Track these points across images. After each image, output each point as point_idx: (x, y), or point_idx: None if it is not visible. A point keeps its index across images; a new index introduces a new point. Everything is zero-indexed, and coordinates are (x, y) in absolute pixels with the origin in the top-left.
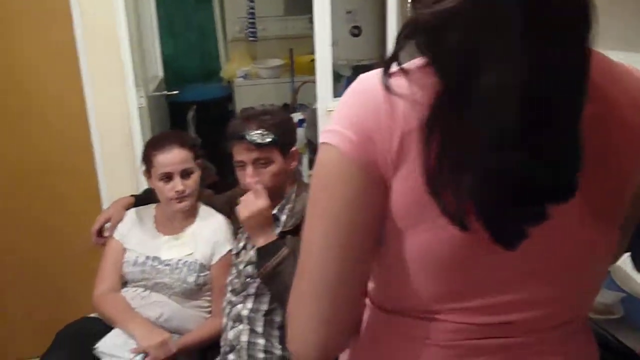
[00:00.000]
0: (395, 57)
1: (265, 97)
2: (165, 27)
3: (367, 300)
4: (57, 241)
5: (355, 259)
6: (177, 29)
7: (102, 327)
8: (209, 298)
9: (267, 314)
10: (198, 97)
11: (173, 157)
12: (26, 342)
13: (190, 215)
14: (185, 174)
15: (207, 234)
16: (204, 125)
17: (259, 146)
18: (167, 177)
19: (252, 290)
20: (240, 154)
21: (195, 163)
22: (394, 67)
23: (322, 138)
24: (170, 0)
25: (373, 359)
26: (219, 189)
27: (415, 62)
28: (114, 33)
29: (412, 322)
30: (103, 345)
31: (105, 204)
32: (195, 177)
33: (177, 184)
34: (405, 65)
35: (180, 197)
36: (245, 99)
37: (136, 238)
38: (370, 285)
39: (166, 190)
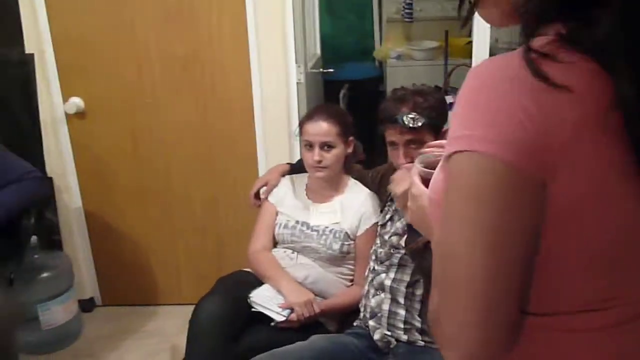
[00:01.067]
0: (532, 36)
1: (417, 79)
2: (325, 6)
3: None
4: (220, 200)
5: (514, 272)
6: (335, 8)
7: (255, 280)
8: (351, 267)
9: (409, 285)
10: (351, 76)
11: (317, 128)
12: (190, 288)
13: (340, 186)
14: (325, 146)
15: (355, 206)
16: (355, 103)
17: (412, 129)
18: (309, 145)
19: (395, 260)
20: (392, 136)
21: (340, 138)
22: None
23: (459, 145)
24: None
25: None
26: (367, 166)
27: (545, 42)
28: (281, 11)
29: (568, 317)
30: (256, 295)
31: (262, 171)
32: (337, 151)
33: (315, 153)
34: (545, 48)
35: (317, 167)
36: (397, 79)
37: (289, 203)
38: None
39: (307, 157)
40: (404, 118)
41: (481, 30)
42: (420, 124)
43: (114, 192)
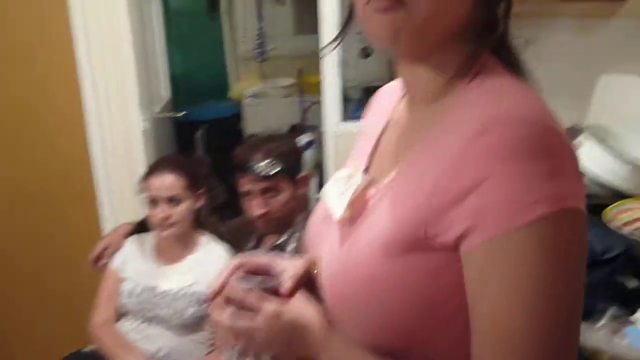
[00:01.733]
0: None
1: (274, 116)
2: (176, 44)
3: None
4: (58, 266)
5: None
6: (188, 46)
7: None
8: (209, 331)
9: None
10: (207, 116)
11: (161, 182)
12: None
13: (191, 244)
14: (172, 201)
15: (210, 264)
16: (213, 144)
17: (267, 177)
18: (154, 201)
19: None
20: (246, 185)
21: (188, 192)
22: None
23: (547, 206)
24: (181, 17)
25: None
26: (229, 208)
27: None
28: (119, 54)
29: None
30: None
31: (107, 231)
32: (185, 206)
33: (161, 210)
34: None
35: (164, 224)
36: (254, 118)
37: (134, 267)
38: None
39: (152, 215)
40: (258, 165)
41: (330, 69)
42: (275, 171)
43: None
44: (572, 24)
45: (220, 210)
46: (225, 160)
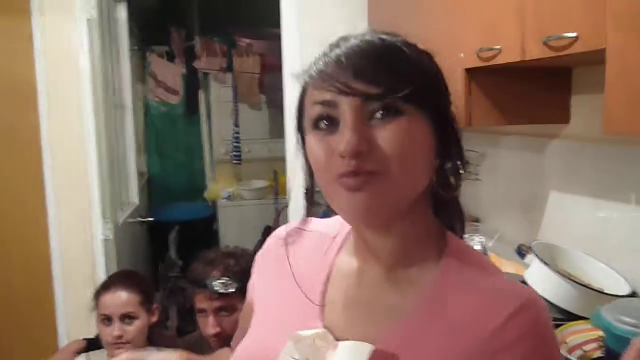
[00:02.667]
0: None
1: (249, 218)
2: (154, 147)
3: None
4: None
5: None
6: (165, 148)
7: None
8: None
9: None
10: (181, 217)
11: (115, 299)
12: None
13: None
14: (126, 318)
15: None
16: (186, 245)
17: (222, 295)
18: (107, 319)
19: None
20: (201, 302)
21: (142, 307)
22: None
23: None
24: (159, 120)
25: None
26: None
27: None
28: (82, 162)
29: None
30: None
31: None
32: (139, 323)
33: (115, 328)
34: None
35: (118, 342)
36: (228, 219)
37: None
38: None
39: (105, 333)
40: (214, 283)
41: (298, 174)
42: (231, 289)
43: None
44: (520, 142)
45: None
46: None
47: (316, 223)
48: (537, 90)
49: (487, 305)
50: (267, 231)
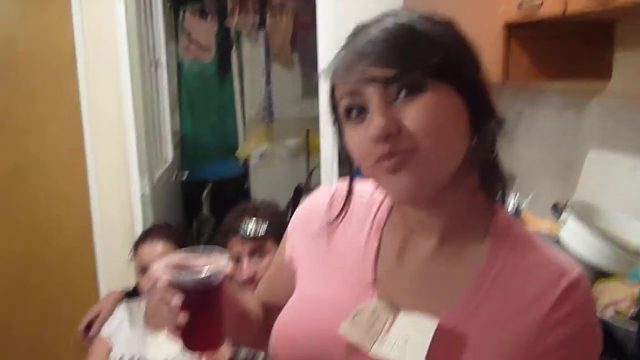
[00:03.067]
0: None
1: (280, 177)
2: (186, 106)
3: None
4: (53, 337)
5: None
6: (198, 107)
7: None
8: None
9: None
10: (214, 176)
11: (152, 250)
12: None
13: None
14: None
15: None
16: (218, 203)
17: (254, 237)
18: (144, 269)
19: None
20: (235, 247)
21: None
22: None
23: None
24: (192, 79)
25: None
26: None
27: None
28: (120, 122)
29: None
30: None
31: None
32: None
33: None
34: None
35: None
36: (260, 178)
37: (124, 335)
38: None
39: (141, 283)
40: (246, 226)
41: (329, 132)
42: (262, 230)
43: None
44: (558, 101)
45: None
46: None
47: (361, 188)
48: (578, 45)
49: (541, 280)
50: (299, 191)
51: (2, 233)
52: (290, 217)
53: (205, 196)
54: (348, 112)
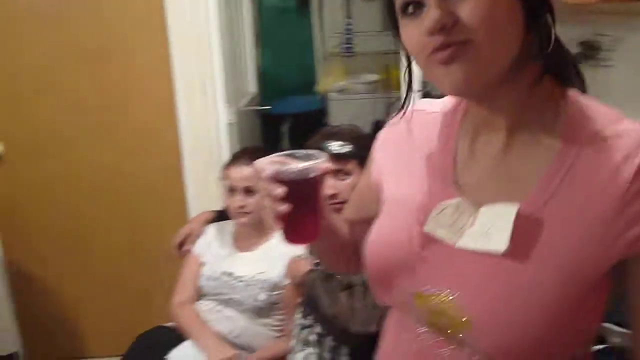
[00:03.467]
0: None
1: (359, 112)
2: (264, 40)
3: None
4: (142, 250)
5: None
6: (276, 42)
7: (175, 337)
8: (279, 317)
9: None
10: (293, 110)
11: (239, 172)
12: (114, 340)
13: (266, 233)
14: (248, 191)
15: (283, 253)
16: (297, 137)
17: (338, 157)
18: (232, 190)
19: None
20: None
21: None
22: None
23: None
24: (271, 14)
25: None
26: None
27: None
28: (208, 51)
29: None
30: (174, 356)
31: (191, 216)
32: (259, 196)
33: (237, 199)
34: None
35: (240, 212)
36: (339, 113)
37: (213, 253)
38: None
39: (229, 203)
40: (330, 145)
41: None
42: (346, 150)
43: (36, 242)
44: None
45: None
46: None
47: (436, 103)
48: None
49: (620, 152)
50: (377, 125)
51: (98, 151)
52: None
53: (285, 129)
54: (404, 7)
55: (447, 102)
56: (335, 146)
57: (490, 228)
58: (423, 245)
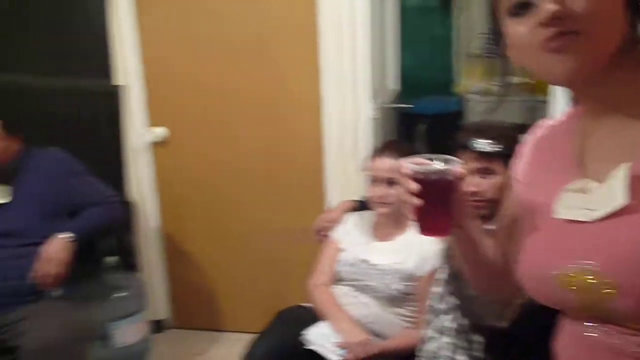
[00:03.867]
0: None
1: (498, 114)
2: (404, 39)
3: None
4: (284, 234)
5: None
6: (415, 41)
7: (313, 317)
8: (412, 308)
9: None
10: (430, 110)
11: (382, 163)
12: (254, 316)
13: (404, 225)
14: (390, 183)
15: (420, 245)
16: (433, 138)
17: (483, 155)
18: (374, 181)
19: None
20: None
21: None
22: None
23: None
24: (413, 13)
25: None
26: None
27: None
28: (356, 49)
29: None
30: (311, 333)
31: (329, 204)
32: (399, 188)
33: (380, 189)
34: None
35: (381, 202)
36: (477, 115)
37: (352, 240)
38: None
39: (371, 193)
40: (478, 143)
41: None
42: (495, 149)
43: (191, 218)
44: None
45: None
46: (446, 154)
47: (554, 120)
48: None
49: None
50: (519, 129)
51: (249, 138)
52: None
53: (420, 130)
54: (514, 9)
55: (565, 113)
56: (482, 144)
57: (610, 191)
58: (559, 231)
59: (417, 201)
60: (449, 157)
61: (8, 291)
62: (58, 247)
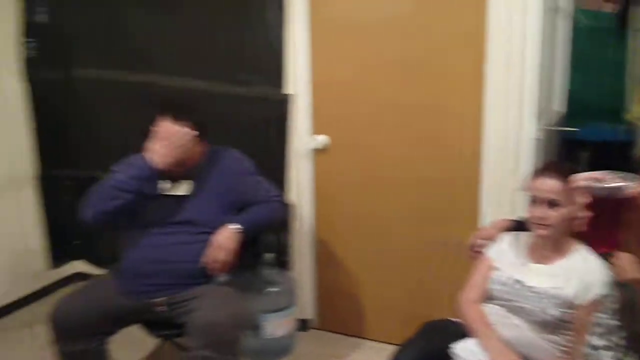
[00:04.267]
0: None
1: None
2: (574, 62)
3: None
4: (435, 248)
5: None
6: (587, 63)
7: (460, 332)
8: (566, 337)
9: None
10: (594, 138)
11: (543, 183)
12: (397, 327)
13: (564, 249)
14: (551, 204)
15: (581, 272)
16: (597, 167)
17: None
18: (534, 201)
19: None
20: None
21: (567, 198)
22: None
23: None
24: (586, 33)
25: None
26: None
27: None
28: (524, 67)
29: None
30: (459, 348)
31: (483, 222)
32: (563, 211)
33: (539, 210)
34: None
35: (540, 224)
36: None
37: (507, 260)
38: None
39: (530, 213)
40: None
41: None
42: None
43: (343, 225)
44: None
45: None
46: None
47: None
48: None
49: None
50: None
51: (406, 149)
52: None
53: (582, 157)
54: None
55: None
56: None
57: None
58: None
59: (586, 214)
60: (628, 174)
61: (183, 272)
62: (228, 236)
